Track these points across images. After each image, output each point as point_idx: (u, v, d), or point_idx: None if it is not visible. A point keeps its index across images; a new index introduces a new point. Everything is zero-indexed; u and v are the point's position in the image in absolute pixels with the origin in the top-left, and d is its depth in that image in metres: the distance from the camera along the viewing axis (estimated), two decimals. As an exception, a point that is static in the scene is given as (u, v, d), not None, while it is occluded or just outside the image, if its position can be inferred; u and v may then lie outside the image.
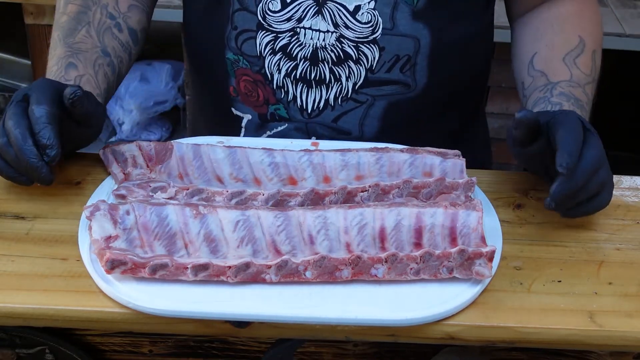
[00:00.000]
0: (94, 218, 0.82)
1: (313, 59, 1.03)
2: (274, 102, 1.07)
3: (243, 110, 1.11)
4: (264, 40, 1.04)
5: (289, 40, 1.03)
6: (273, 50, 1.04)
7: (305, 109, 1.07)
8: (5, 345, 0.87)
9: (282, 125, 1.08)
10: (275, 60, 1.04)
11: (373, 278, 0.82)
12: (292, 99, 1.06)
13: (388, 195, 0.91)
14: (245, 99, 1.09)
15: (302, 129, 1.08)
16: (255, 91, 1.07)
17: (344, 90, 1.05)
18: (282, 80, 1.05)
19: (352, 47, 1.02)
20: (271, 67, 1.05)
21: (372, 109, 1.06)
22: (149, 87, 2.63)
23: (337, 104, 1.06)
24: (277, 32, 1.03)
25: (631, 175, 1.03)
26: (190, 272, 0.80)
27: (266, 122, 1.10)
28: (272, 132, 1.10)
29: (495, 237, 0.88)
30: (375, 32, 1.01)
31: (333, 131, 1.08)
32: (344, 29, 1.01)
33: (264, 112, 1.09)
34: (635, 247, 0.91)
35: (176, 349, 0.89)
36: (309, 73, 1.04)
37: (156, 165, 0.93)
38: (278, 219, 0.84)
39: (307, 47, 1.03)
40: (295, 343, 0.86)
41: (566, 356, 0.88)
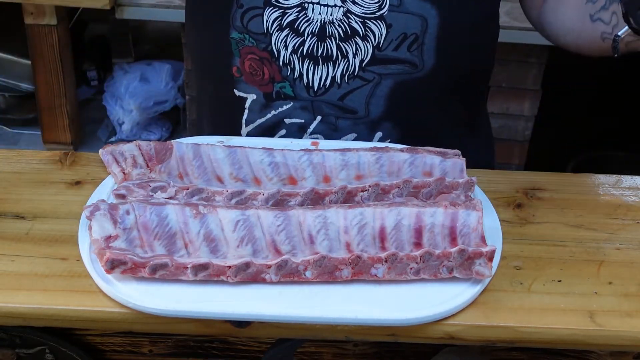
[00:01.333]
0: (94, 218, 0.82)
1: (320, 34, 1.03)
2: (280, 79, 1.07)
3: (247, 91, 1.10)
4: (272, 17, 1.03)
5: (296, 15, 1.03)
6: (280, 27, 1.04)
7: (311, 86, 1.06)
8: (5, 345, 0.87)
9: (287, 104, 1.08)
10: (282, 36, 1.04)
11: (373, 278, 0.82)
12: (298, 77, 1.06)
13: (388, 195, 0.91)
14: (250, 79, 1.09)
15: (307, 107, 1.08)
16: (260, 69, 1.07)
17: (350, 67, 1.05)
18: (289, 57, 1.05)
19: (359, 22, 1.02)
20: (278, 44, 1.04)
21: (379, 87, 1.06)
22: (149, 87, 2.63)
23: (344, 82, 1.06)
24: (284, 8, 1.03)
25: (631, 175, 1.03)
26: (190, 272, 0.80)
27: (271, 102, 1.09)
28: (277, 112, 1.09)
29: (495, 237, 0.88)
30: (382, 8, 1.02)
31: (339, 110, 1.07)
32: (350, 4, 1.02)
33: (270, 91, 1.08)
34: (635, 247, 0.91)
35: (176, 349, 0.89)
36: (316, 49, 1.04)
37: (156, 165, 0.93)
38: (278, 219, 0.84)
39: (314, 22, 1.03)
40: (295, 343, 0.86)
41: (566, 356, 0.88)
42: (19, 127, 2.67)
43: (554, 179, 1.02)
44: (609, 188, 1.00)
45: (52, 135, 2.53)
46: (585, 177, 1.02)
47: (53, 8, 2.30)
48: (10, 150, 1.03)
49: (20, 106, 2.65)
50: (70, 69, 2.47)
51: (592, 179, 1.02)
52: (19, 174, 0.98)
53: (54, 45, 2.35)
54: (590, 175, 1.03)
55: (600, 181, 1.01)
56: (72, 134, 2.53)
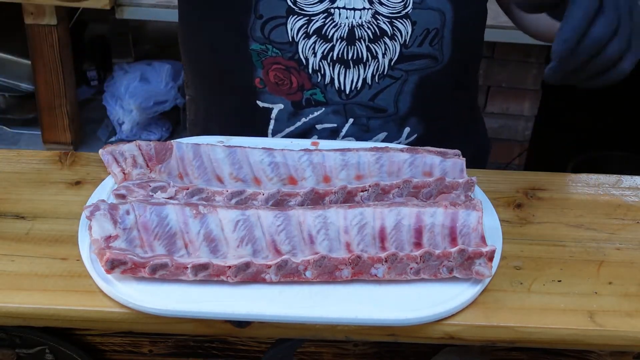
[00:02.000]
0: (94, 218, 0.82)
1: (349, 38, 1.04)
2: (310, 87, 1.07)
3: (272, 101, 1.09)
4: (296, 25, 1.03)
5: (323, 22, 1.03)
6: (307, 34, 1.04)
7: (343, 90, 1.07)
8: (5, 345, 0.87)
9: (318, 110, 1.08)
10: (309, 43, 1.04)
11: (373, 278, 0.82)
12: (329, 82, 1.06)
13: (388, 195, 0.91)
14: (275, 89, 1.08)
15: (339, 111, 1.08)
16: (287, 79, 1.07)
17: (380, 67, 1.06)
18: (318, 64, 1.05)
19: (386, 22, 1.04)
20: (306, 52, 1.04)
21: (406, 84, 1.08)
22: (149, 87, 2.63)
23: (374, 82, 1.07)
24: (309, 15, 1.03)
25: (631, 175, 1.03)
26: (190, 272, 0.80)
27: (300, 109, 1.09)
28: (307, 119, 1.09)
29: (495, 237, 0.88)
30: (407, 6, 1.03)
31: (370, 110, 1.09)
32: (378, 5, 1.03)
33: (298, 99, 1.08)
34: (635, 247, 0.91)
35: (176, 349, 0.89)
36: (346, 53, 1.05)
37: (156, 165, 0.93)
38: (278, 219, 0.84)
39: (342, 27, 1.03)
40: (295, 343, 0.86)
41: (566, 356, 0.88)
42: (19, 127, 2.67)
43: (554, 179, 1.02)
44: (609, 188, 1.00)
45: (52, 135, 2.53)
46: (585, 177, 1.02)
47: (53, 8, 2.30)
48: (10, 150, 1.03)
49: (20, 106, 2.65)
50: (70, 69, 2.47)
51: (592, 179, 1.02)
52: (19, 174, 0.98)
53: (54, 45, 2.35)
54: (590, 175, 1.03)
55: (600, 181, 1.01)
56: (72, 134, 2.53)
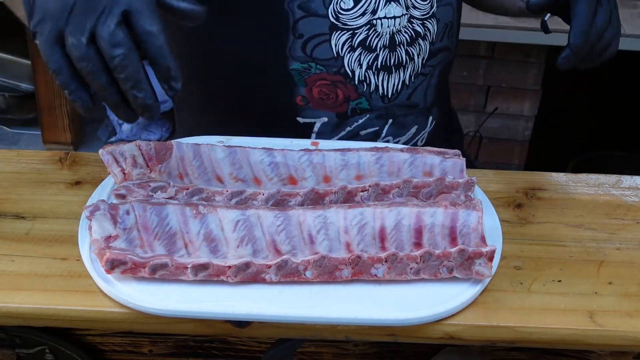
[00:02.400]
0: (94, 218, 0.82)
1: (391, 45, 1.06)
2: (356, 97, 1.09)
3: (315, 116, 1.10)
4: (340, 40, 1.04)
5: (366, 34, 1.05)
6: (352, 47, 1.05)
7: (385, 94, 1.09)
8: (5, 345, 0.87)
9: (362, 117, 1.10)
10: (354, 56, 1.06)
11: (373, 278, 0.82)
12: (374, 90, 1.08)
13: (388, 195, 0.91)
14: (320, 104, 1.09)
15: (382, 115, 1.11)
16: (332, 93, 1.08)
17: (415, 67, 1.10)
18: (364, 74, 1.07)
19: (419, 24, 1.07)
20: (352, 64, 1.06)
21: (432, 78, 1.13)
22: (149, 87, 2.63)
23: (411, 82, 1.11)
24: (353, 29, 1.04)
25: (631, 175, 1.03)
26: (190, 272, 0.80)
27: (345, 119, 1.10)
28: (352, 127, 1.11)
29: (495, 237, 0.88)
30: (433, 6, 1.08)
31: (407, 108, 1.12)
32: (412, 9, 1.06)
33: (344, 110, 1.10)
34: (635, 247, 0.91)
35: (176, 349, 0.89)
36: (388, 60, 1.07)
37: (156, 165, 0.93)
38: (278, 219, 0.84)
39: (384, 35, 1.05)
40: (295, 343, 0.86)
41: (566, 356, 0.88)
42: (19, 127, 2.67)
43: (554, 179, 1.02)
44: (609, 188, 1.00)
45: (52, 135, 2.53)
46: (585, 177, 1.02)
47: (53, 8, 2.30)
48: (10, 150, 1.03)
49: (20, 106, 2.65)
50: (70, 69, 2.47)
51: (592, 179, 1.02)
52: (19, 174, 0.98)
53: (54, 45, 2.35)
54: (590, 175, 1.03)
55: (600, 181, 1.02)
56: (72, 134, 2.53)
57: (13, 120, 2.67)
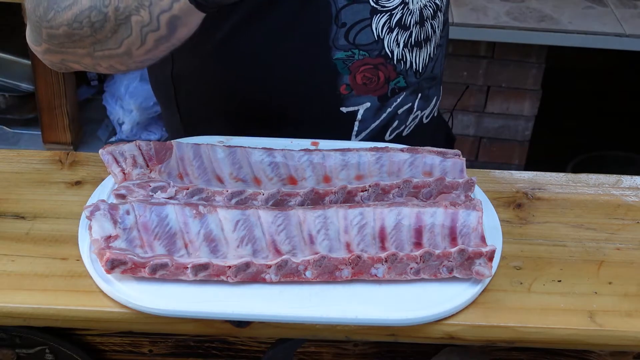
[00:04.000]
0: (94, 218, 0.82)
1: (421, 21, 1.09)
2: (395, 76, 1.10)
3: (359, 102, 1.10)
4: (380, 23, 1.06)
5: (402, 12, 1.07)
6: (390, 28, 1.07)
7: (418, 70, 1.11)
8: (5, 345, 0.87)
9: (400, 96, 1.12)
10: (393, 37, 1.07)
11: (373, 278, 0.82)
12: (409, 67, 1.10)
13: (388, 195, 0.91)
14: (363, 89, 1.09)
15: (415, 90, 1.13)
16: (375, 76, 1.09)
17: (437, 39, 1.13)
18: (402, 52, 1.09)
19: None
20: (391, 45, 1.07)
21: (443, 49, 1.17)
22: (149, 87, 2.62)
23: (434, 54, 1.13)
24: (390, 10, 1.06)
25: (631, 175, 1.03)
26: (190, 272, 0.80)
27: (386, 101, 1.11)
28: (392, 108, 1.12)
29: (495, 237, 0.88)
30: None
31: (430, 80, 1.15)
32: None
33: (385, 92, 1.10)
34: (635, 247, 0.91)
35: (176, 349, 0.89)
36: (419, 35, 1.09)
37: (156, 165, 0.93)
38: (278, 219, 0.84)
39: (415, 12, 1.08)
40: (295, 343, 0.86)
41: (566, 356, 0.88)
42: (19, 127, 2.67)
43: (554, 179, 1.02)
44: (609, 188, 1.00)
45: (52, 135, 2.52)
46: (585, 177, 1.02)
47: (53, 8, 2.30)
48: (10, 150, 1.03)
49: (20, 106, 2.65)
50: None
51: (592, 179, 1.02)
52: (19, 174, 0.98)
53: (54, 45, 2.35)
54: (590, 175, 1.03)
55: (600, 181, 1.01)
56: (72, 134, 2.53)
57: (13, 120, 2.67)
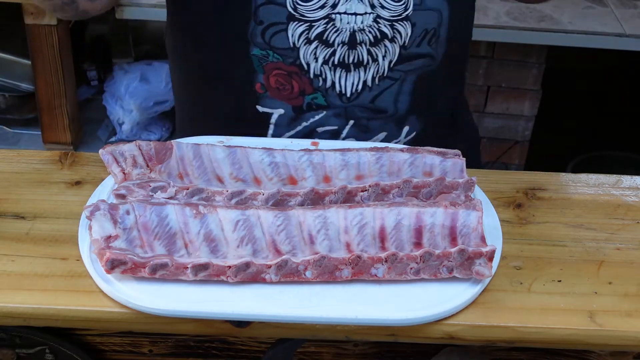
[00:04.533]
0: (94, 218, 0.82)
1: (351, 42, 1.05)
2: (311, 91, 1.08)
3: (273, 106, 1.10)
4: (297, 31, 1.04)
5: (324, 27, 1.04)
6: (308, 40, 1.04)
7: (344, 93, 1.08)
8: (5, 345, 0.87)
9: (319, 114, 1.09)
10: (311, 49, 1.05)
11: (373, 278, 0.82)
12: (330, 86, 1.07)
13: (388, 195, 0.91)
14: (276, 94, 1.09)
15: (340, 114, 1.09)
16: (288, 84, 1.07)
17: (380, 69, 1.07)
18: (320, 68, 1.06)
19: (387, 26, 1.05)
20: (307, 57, 1.05)
21: (405, 84, 1.09)
22: (149, 87, 2.63)
23: (374, 84, 1.08)
24: (310, 21, 1.03)
25: (631, 175, 1.03)
26: (190, 272, 0.80)
27: (301, 114, 1.09)
28: (308, 123, 1.10)
29: (495, 237, 0.88)
30: (407, 9, 1.04)
31: (370, 111, 1.09)
32: (380, 9, 1.04)
33: (300, 104, 1.09)
34: (635, 247, 0.91)
35: (176, 349, 0.89)
36: (347, 57, 1.05)
37: (156, 165, 0.93)
38: (278, 219, 0.84)
39: (344, 31, 1.04)
40: (295, 343, 0.86)
41: (566, 356, 0.88)
42: (19, 127, 2.66)
43: (554, 179, 1.02)
44: (609, 188, 1.00)
45: (52, 135, 2.52)
46: (585, 177, 1.02)
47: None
48: (10, 150, 1.03)
49: (20, 106, 2.64)
50: (70, 69, 2.47)
51: (592, 179, 1.02)
52: (19, 174, 0.98)
53: (54, 45, 2.35)
54: (590, 175, 1.03)
55: (600, 181, 1.01)
56: (72, 134, 2.53)
57: (13, 120, 2.66)
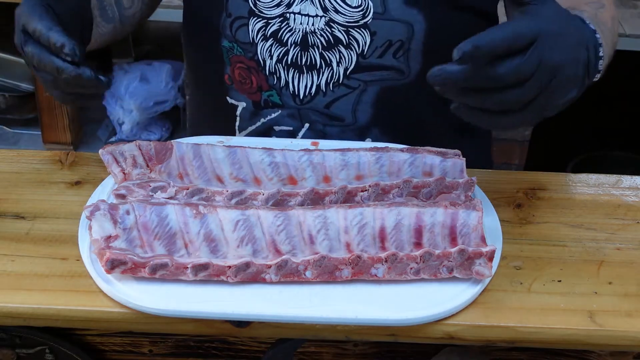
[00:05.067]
0: (94, 218, 0.82)
1: (303, 44, 1.04)
2: (267, 88, 1.08)
3: (238, 98, 1.11)
4: (256, 27, 1.04)
5: (279, 25, 1.03)
6: (265, 37, 1.05)
7: (297, 94, 1.07)
8: (5, 345, 0.87)
9: (275, 112, 1.08)
10: (267, 46, 1.05)
11: (373, 278, 0.82)
12: (284, 85, 1.06)
13: (388, 195, 0.91)
14: (240, 87, 1.10)
15: (294, 115, 1.08)
16: (249, 78, 1.08)
17: (335, 75, 1.05)
18: (274, 66, 1.06)
19: (342, 31, 1.02)
20: (263, 53, 1.05)
21: (365, 94, 1.06)
22: (149, 87, 2.63)
23: (329, 90, 1.06)
24: (267, 18, 1.04)
25: (631, 175, 1.03)
26: (190, 272, 0.80)
27: (260, 110, 1.10)
28: (265, 119, 1.10)
29: (495, 237, 0.88)
30: (366, 16, 1.01)
31: (326, 117, 1.08)
32: (333, 13, 1.02)
33: (258, 99, 1.09)
34: (635, 247, 0.91)
35: (176, 349, 0.89)
36: (299, 58, 1.05)
37: (156, 165, 0.93)
38: (278, 219, 0.84)
39: (297, 32, 1.03)
40: (295, 343, 0.86)
41: (566, 356, 0.88)
42: (19, 127, 2.66)
43: (554, 179, 1.02)
44: (609, 188, 1.00)
45: (52, 135, 2.52)
46: (585, 177, 1.02)
47: (53, 8, 2.29)
48: (10, 150, 1.03)
49: (20, 106, 2.64)
50: (71, 69, 2.47)
51: (592, 179, 1.02)
52: (19, 174, 0.98)
53: (54, 45, 2.35)
54: (590, 175, 1.02)
55: (600, 181, 1.01)
56: (72, 134, 2.53)
57: (13, 120, 2.66)
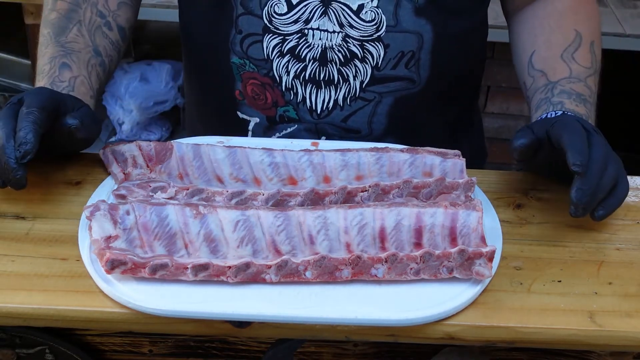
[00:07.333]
0: (94, 218, 0.82)
1: (322, 59, 1.04)
2: (283, 104, 1.08)
3: (250, 114, 1.11)
4: (271, 43, 1.04)
5: (297, 42, 1.04)
6: (281, 53, 1.05)
7: (314, 109, 1.08)
8: (5, 345, 0.87)
9: (291, 127, 1.09)
10: (283, 62, 1.05)
11: (373, 278, 0.82)
12: (301, 100, 1.07)
13: (388, 195, 0.91)
14: (253, 103, 1.10)
15: (312, 129, 1.09)
16: (263, 94, 1.08)
17: (352, 89, 1.06)
18: (291, 82, 1.06)
19: (357, 46, 1.03)
20: (279, 70, 1.06)
21: (380, 106, 1.08)
22: (149, 87, 2.63)
23: (346, 104, 1.07)
24: (284, 35, 1.04)
25: (631, 175, 1.03)
26: (190, 272, 0.80)
27: (275, 125, 1.10)
28: (281, 134, 1.11)
29: (495, 237, 0.88)
30: (380, 29, 1.03)
31: (342, 130, 1.09)
32: (348, 28, 1.03)
33: (273, 115, 1.10)
34: (635, 247, 0.91)
35: (176, 349, 0.89)
36: (317, 74, 1.05)
37: (156, 165, 0.93)
38: (278, 219, 0.84)
39: (315, 47, 1.04)
40: (295, 343, 0.86)
41: (566, 356, 0.88)
42: (19, 127, 2.66)
43: (554, 179, 1.01)
44: (609, 188, 1.00)
45: (52, 135, 2.52)
46: (585, 177, 1.02)
47: (53, 8, 2.29)
48: (10, 150, 1.03)
49: (20, 106, 2.64)
50: (70, 69, 2.46)
51: (592, 179, 1.02)
52: (19, 174, 0.98)
53: (54, 46, 2.35)
54: (590, 175, 1.02)
55: (600, 181, 1.01)
56: (72, 134, 2.53)
57: (13, 120, 2.66)
